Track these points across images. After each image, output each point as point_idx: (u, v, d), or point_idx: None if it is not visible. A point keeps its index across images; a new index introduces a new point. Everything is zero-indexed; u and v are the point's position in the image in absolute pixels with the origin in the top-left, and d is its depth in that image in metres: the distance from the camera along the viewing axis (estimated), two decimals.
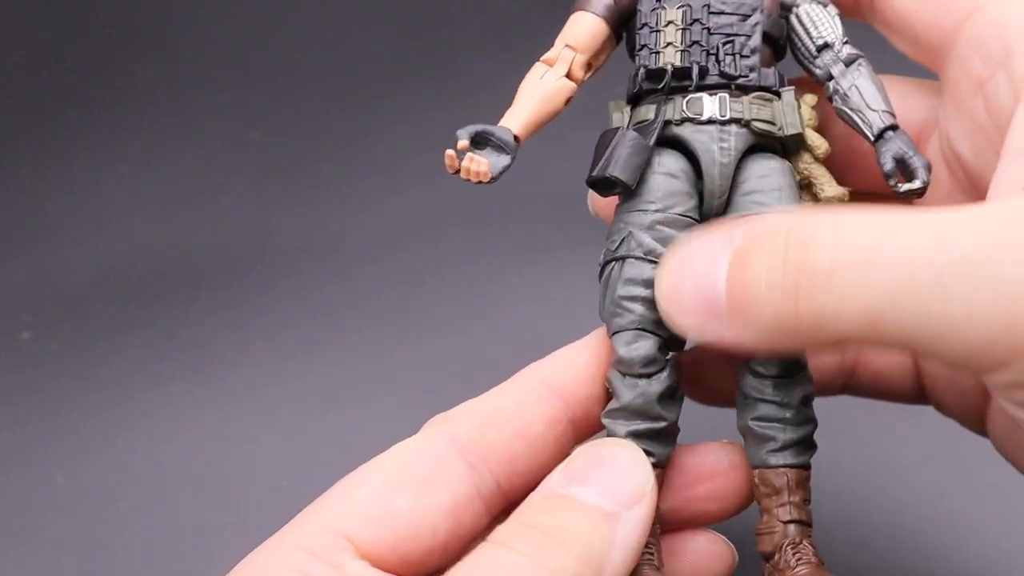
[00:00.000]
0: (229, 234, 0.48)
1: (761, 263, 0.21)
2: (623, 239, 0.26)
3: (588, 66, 0.28)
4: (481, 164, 0.26)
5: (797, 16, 0.27)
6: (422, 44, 0.57)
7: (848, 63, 0.27)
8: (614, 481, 0.23)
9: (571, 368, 0.26)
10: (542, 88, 0.28)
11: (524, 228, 0.48)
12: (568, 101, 0.28)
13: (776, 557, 0.25)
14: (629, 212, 0.26)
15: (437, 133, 0.53)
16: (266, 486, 0.40)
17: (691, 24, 0.26)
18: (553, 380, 0.26)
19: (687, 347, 0.27)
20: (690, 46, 0.26)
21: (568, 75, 0.28)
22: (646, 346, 0.25)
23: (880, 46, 0.29)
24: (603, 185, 0.26)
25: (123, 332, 0.45)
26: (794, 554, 0.25)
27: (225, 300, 0.46)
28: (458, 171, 0.27)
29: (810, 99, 0.28)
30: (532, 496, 0.24)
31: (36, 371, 0.44)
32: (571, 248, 0.47)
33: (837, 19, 0.27)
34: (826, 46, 0.27)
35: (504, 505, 0.25)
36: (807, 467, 0.26)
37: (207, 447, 0.41)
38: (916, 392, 0.30)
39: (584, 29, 0.28)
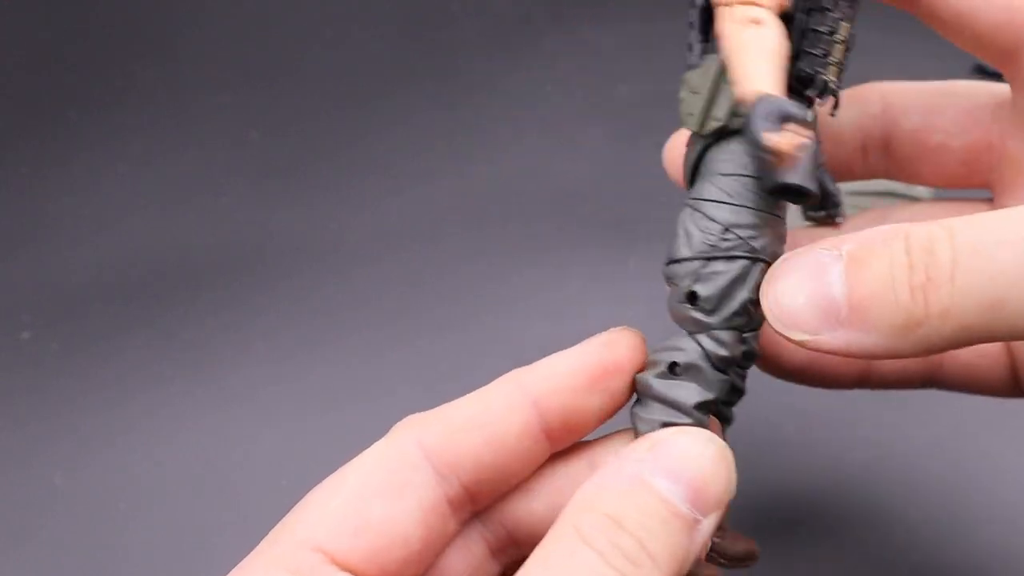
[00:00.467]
0: (229, 234, 0.49)
1: (884, 265, 0.22)
2: (767, 243, 0.25)
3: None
4: (803, 133, 0.23)
5: None
6: (422, 44, 0.57)
7: None
8: (702, 484, 0.22)
9: (552, 378, 0.25)
10: (782, 47, 0.24)
11: (524, 228, 0.48)
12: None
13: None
14: (771, 216, 0.25)
15: (437, 133, 0.53)
16: (266, 486, 0.40)
17: (848, 50, 0.25)
18: (532, 389, 0.25)
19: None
20: (841, 71, 0.25)
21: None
22: (744, 348, 0.25)
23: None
24: (785, 192, 0.25)
25: (123, 332, 0.45)
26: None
27: (225, 300, 0.46)
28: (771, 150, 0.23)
29: None
30: (619, 468, 0.22)
31: (36, 371, 0.44)
32: (571, 248, 0.47)
33: None
34: None
35: (472, 508, 0.25)
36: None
37: (207, 447, 0.41)
38: (1010, 384, 0.30)
39: None
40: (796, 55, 0.25)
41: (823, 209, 0.26)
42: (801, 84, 0.25)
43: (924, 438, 0.39)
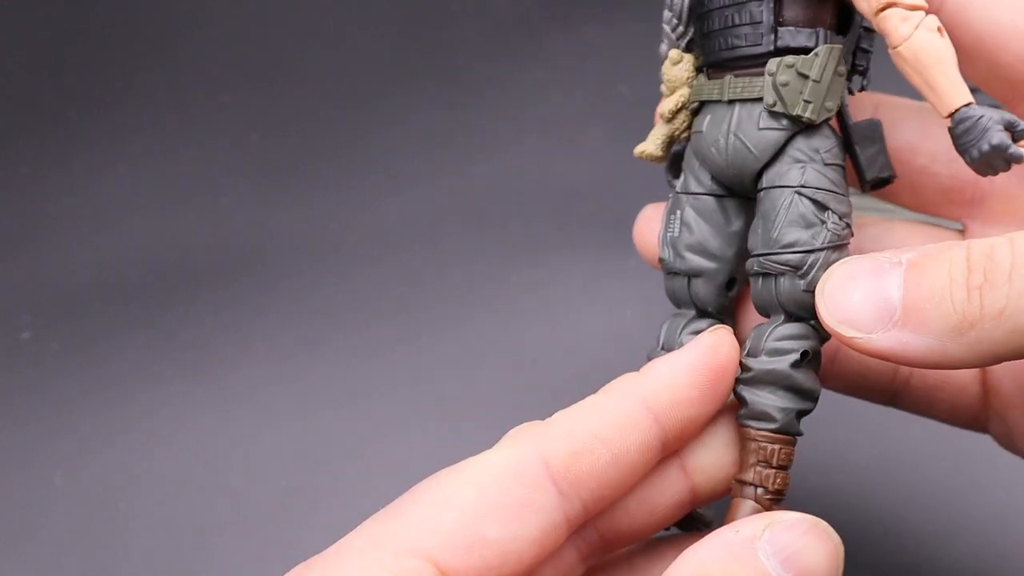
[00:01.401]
0: (229, 234, 0.49)
1: (943, 269, 0.22)
2: (849, 225, 0.26)
3: None
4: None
5: None
6: (422, 44, 0.57)
7: None
8: (805, 573, 0.22)
9: (672, 390, 0.25)
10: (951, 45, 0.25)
11: (524, 228, 0.48)
12: None
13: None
14: (849, 203, 0.26)
15: (437, 133, 0.53)
16: (266, 486, 0.40)
17: None
18: (653, 404, 0.25)
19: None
20: None
21: None
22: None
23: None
24: (878, 184, 0.27)
25: (123, 332, 0.45)
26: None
27: (225, 300, 0.46)
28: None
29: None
30: (732, 540, 0.22)
31: (36, 371, 0.44)
32: (571, 248, 0.47)
33: None
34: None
35: (584, 524, 0.25)
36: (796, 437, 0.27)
37: (207, 447, 0.41)
38: (974, 415, 0.30)
39: None
40: (854, 51, 0.27)
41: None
42: (859, 74, 0.27)
43: (921, 440, 0.39)
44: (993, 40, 0.26)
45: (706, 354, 0.25)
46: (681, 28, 0.28)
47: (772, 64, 0.26)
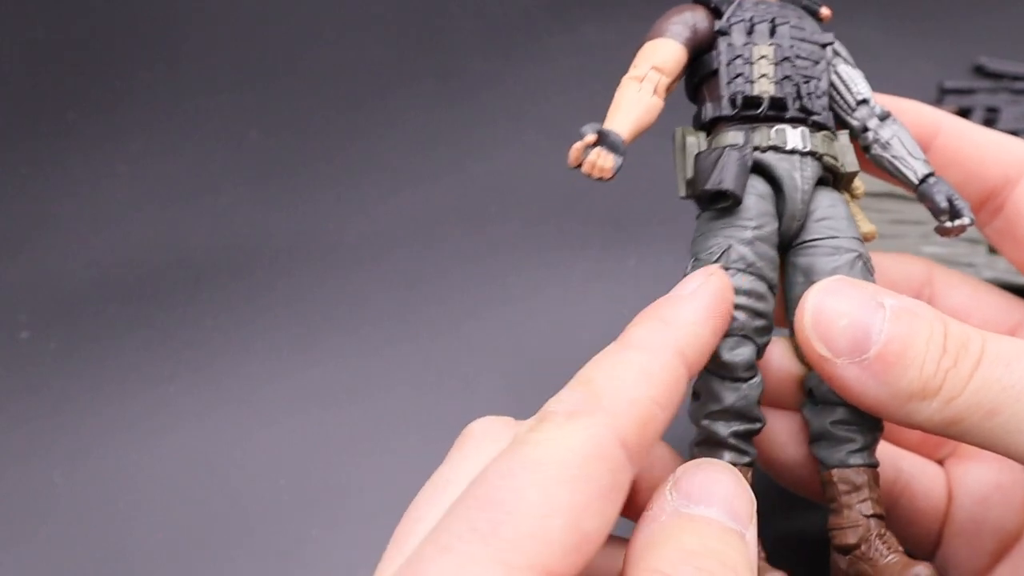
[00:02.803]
0: (228, 234, 0.48)
1: (924, 335, 0.24)
2: (724, 251, 0.27)
3: (667, 90, 0.30)
4: (608, 159, 0.27)
5: (837, 73, 0.30)
6: (421, 44, 0.57)
7: (883, 118, 0.30)
8: (733, 501, 0.23)
9: (700, 339, 0.25)
10: (642, 101, 0.29)
11: (524, 228, 0.48)
12: (656, 118, 0.30)
13: (863, 548, 0.27)
14: (728, 227, 0.28)
15: (436, 133, 0.53)
16: (265, 486, 0.40)
17: (782, 61, 0.29)
18: (688, 355, 0.25)
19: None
20: (782, 80, 0.29)
21: (654, 94, 0.29)
22: (747, 352, 0.27)
23: None
24: (712, 198, 0.28)
25: (122, 332, 0.45)
26: (883, 543, 0.26)
27: (224, 300, 0.46)
28: (579, 166, 0.28)
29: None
30: (655, 515, 0.23)
31: (34, 371, 0.44)
32: (571, 248, 0.47)
33: (864, 79, 0.30)
34: (864, 102, 0.30)
35: None
36: (876, 466, 0.28)
37: (206, 447, 0.41)
38: (932, 545, 0.31)
39: (669, 54, 0.29)
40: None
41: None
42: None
43: None
44: None
45: (720, 298, 0.26)
46: None
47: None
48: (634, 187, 0.48)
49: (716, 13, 0.30)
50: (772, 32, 0.29)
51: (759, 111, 0.28)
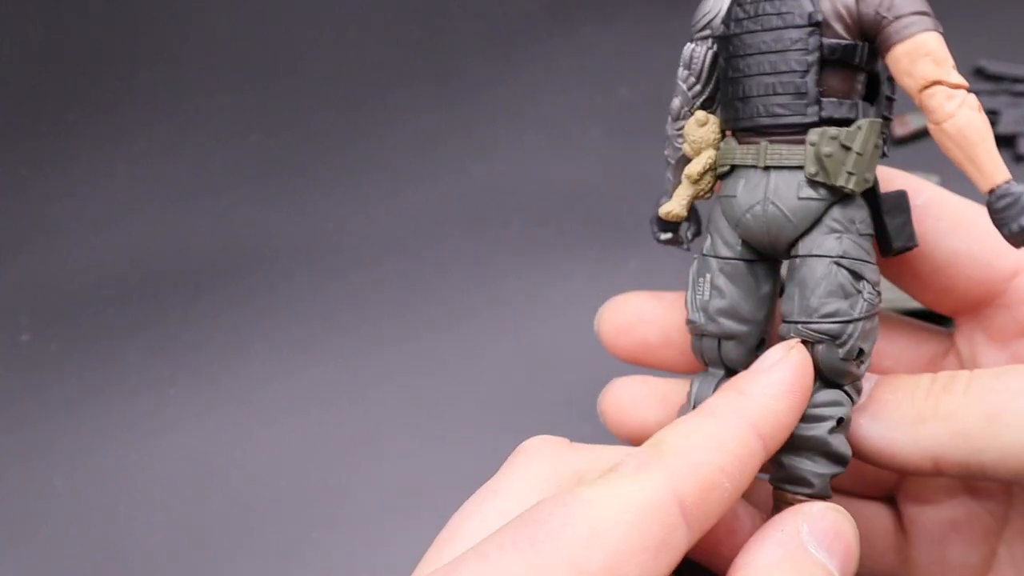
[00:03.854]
0: (229, 236, 0.48)
1: (911, 379, 0.26)
2: (879, 291, 0.27)
3: None
4: None
5: None
6: (422, 44, 0.57)
7: None
8: (849, 560, 0.24)
9: (777, 415, 0.25)
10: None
11: (524, 228, 0.48)
12: None
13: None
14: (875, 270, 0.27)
15: (436, 134, 0.53)
16: (265, 486, 0.40)
17: None
18: (762, 429, 0.24)
19: None
20: None
21: None
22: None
23: None
24: (901, 252, 0.28)
25: (122, 334, 0.45)
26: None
27: (224, 301, 0.46)
28: None
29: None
30: (779, 539, 0.23)
31: (35, 373, 0.44)
32: (571, 250, 0.47)
33: None
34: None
35: None
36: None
37: (206, 448, 0.41)
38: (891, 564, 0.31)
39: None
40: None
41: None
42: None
43: None
44: (947, 269, 0.29)
45: (799, 374, 0.25)
46: (698, 88, 0.28)
47: (814, 135, 0.26)
48: (634, 188, 0.49)
49: None
50: None
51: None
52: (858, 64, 0.26)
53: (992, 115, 0.49)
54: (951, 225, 0.29)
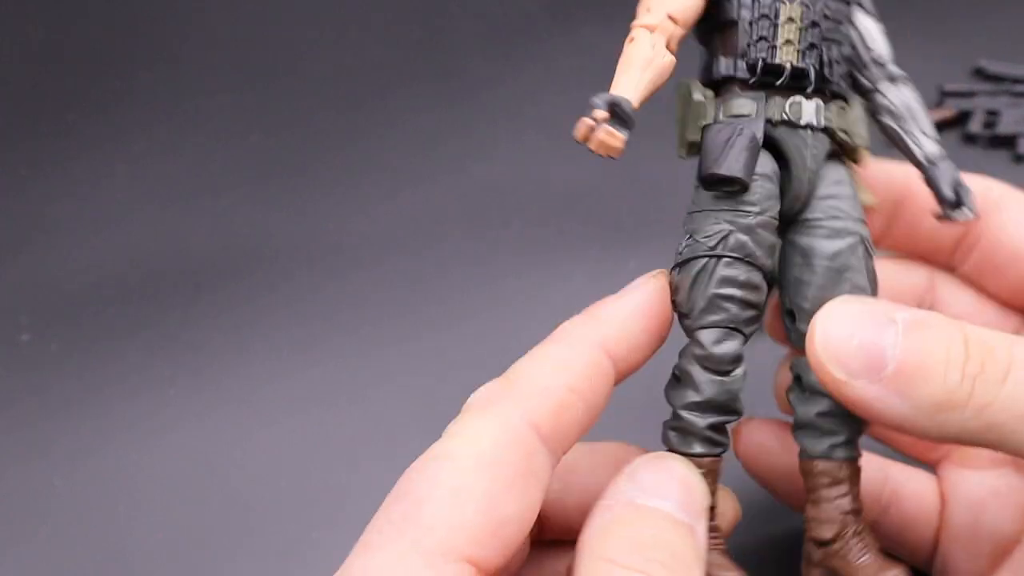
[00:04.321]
0: (229, 236, 0.48)
1: (942, 344, 0.23)
2: (723, 238, 0.26)
3: (680, 41, 0.27)
4: (617, 139, 0.25)
5: (852, 23, 0.27)
6: (422, 44, 0.57)
7: (894, 80, 0.27)
8: (687, 495, 0.24)
9: (628, 336, 0.25)
10: (657, 62, 0.26)
11: (524, 228, 0.48)
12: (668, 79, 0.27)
13: (837, 544, 0.26)
14: (730, 211, 0.26)
15: (436, 134, 0.53)
16: (265, 486, 0.40)
17: (810, 26, 0.26)
18: (612, 349, 0.25)
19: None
20: (807, 48, 0.26)
21: (666, 47, 0.27)
22: (734, 345, 0.26)
23: None
24: (715, 184, 0.26)
25: (122, 334, 0.45)
26: (859, 541, 0.26)
27: (225, 302, 0.46)
28: (585, 140, 0.25)
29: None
30: (609, 504, 0.23)
31: (35, 373, 0.44)
32: (571, 249, 0.47)
33: (886, 39, 0.28)
34: (877, 61, 0.27)
35: None
36: (858, 458, 0.27)
37: (207, 449, 0.41)
38: (929, 549, 0.31)
39: (689, 1, 0.26)
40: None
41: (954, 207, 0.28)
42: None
43: None
44: (1016, 255, 0.29)
45: (655, 299, 0.26)
46: None
47: None
48: (634, 188, 0.49)
49: None
50: None
51: (779, 82, 0.26)
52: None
53: (992, 115, 0.49)
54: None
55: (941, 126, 0.50)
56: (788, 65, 0.26)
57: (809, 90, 0.26)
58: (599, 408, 0.25)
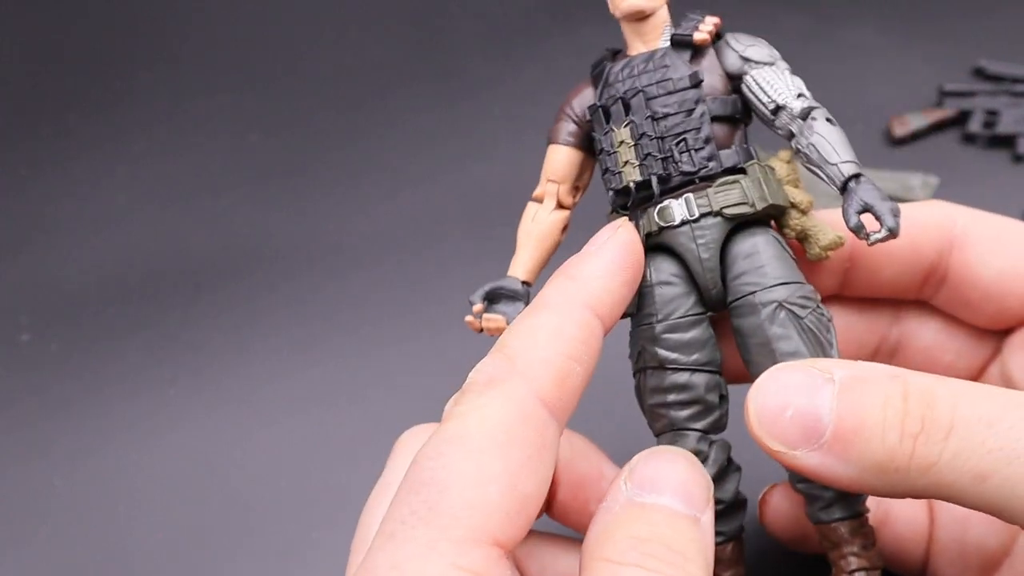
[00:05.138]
0: (228, 236, 0.49)
1: (878, 403, 0.23)
2: (639, 353, 0.28)
3: (575, 190, 0.30)
4: (498, 321, 0.29)
5: (747, 85, 0.27)
6: (422, 45, 0.57)
7: (803, 117, 0.27)
8: (686, 487, 0.23)
9: (610, 292, 0.25)
10: (536, 230, 0.30)
11: None
12: (564, 229, 0.30)
13: None
14: (638, 327, 0.28)
15: (437, 133, 0.53)
16: (265, 487, 0.40)
17: (640, 138, 0.27)
18: (598, 307, 0.25)
19: None
20: (645, 159, 0.27)
21: (559, 205, 0.30)
22: (687, 443, 0.27)
23: None
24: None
25: (122, 334, 0.45)
26: None
27: (224, 302, 0.46)
28: (481, 330, 0.29)
29: (784, 155, 0.28)
30: (609, 506, 0.23)
31: (35, 373, 0.44)
32: (570, 250, 0.47)
33: (787, 74, 0.27)
34: (779, 108, 0.27)
35: None
36: (859, 515, 0.27)
37: (206, 449, 0.41)
38: (921, 565, 0.31)
39: (560, 161, 0.29)
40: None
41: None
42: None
43: None
44: (997, 288, 0.28)
45: (627, 250, 0.26)
46: None
47: None
48: None
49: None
50: (627, 109, 0.27)
51: (629, 203, 0.27)
52: None
53: (992, 115, 0.49)
54: (991, 246, 0.28)
55: (941, 126, 0.50)
56: (631, 184, 0.27)
57: (666, 189, 0.27)
58: (594, 366, 0.25)
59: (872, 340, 0.31)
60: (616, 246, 0.26)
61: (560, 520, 0.28)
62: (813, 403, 0.23)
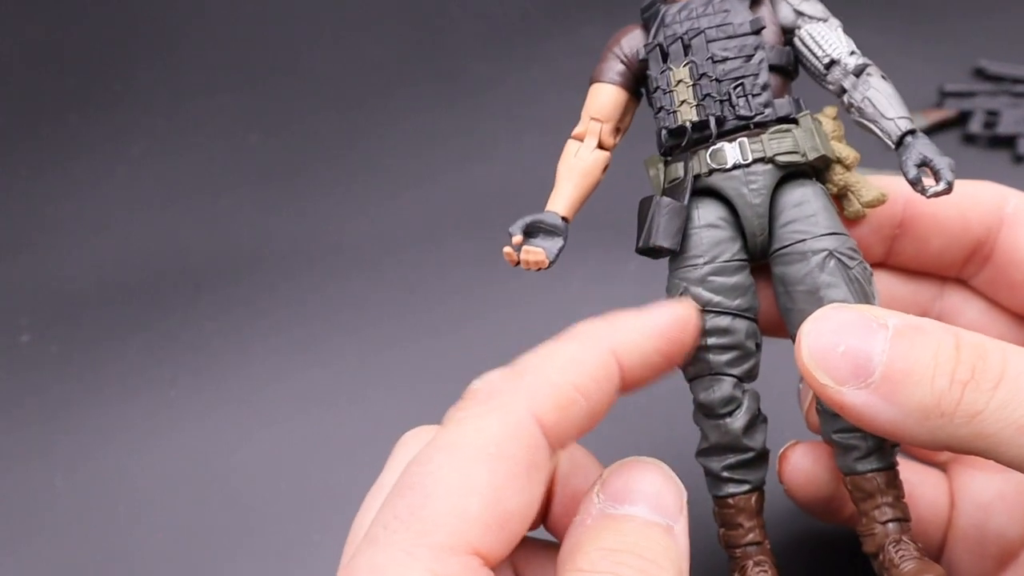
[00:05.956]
0: (228, 237, 0.49)
1: (930, 349, 0.23)
2: (680, 295, 0.27)
3: (616, 131, 0.29)
4: (538, 254, 0.28)
5: (800, 39, 0.28)
6: (422, 45, 0.57)
7: (858, 74, 0.27)
8: (658, 496, 0.24)
9: (641, 349, 0.25)
10: (579, 166, 0.29)
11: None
12: (605, 169, 0.29)
13: (881, 556, 0.26)
14: (681, 269, 0.28)
15: (437, 134, 0.53)
16: (265, 488, 0.40)
17: (700, 79, 0.27)
18: (623, 356, 0.25)
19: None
20: (703, 99, 0.27)
21: (599, 145, 0.29)
22: (722, 388, 0.27)
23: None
24: (651, 253, 0.28)
25: (122, 335, 0.45)
26: (896, 551, 0.26)
27: (224, 302, 0.46)
28: (518, 263, 0.29)
29: (831, 111, 0.29)
30: (582, 519, 0.23)
31: (35, 374, 0.44)
32: (571, 251, 0.47)
33: (840, 31, 0.28)
34: (833, 62, 0.28)
35: None
36: (892, 467, 0.27)
37: (206, 449, 0.41)
38: (938, 550, 0.31)
39: (605, 99, 0.29)
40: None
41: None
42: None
43: None
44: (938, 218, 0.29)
45: (676, 324, 0.26)
46: None
47: None
48: (635, 191, 0.48)
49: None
50: (687, 49, 0.27)
51: (684, 142, 0.27)
52: None
53: (992, 116, 0.49)
54: None
55: (941, 126, 0.50)
56: (688, 124, 0.27)
57: (722, 131, 0.27)
58: (600, 414, 0.25)
59: (914, 311, 0.31)
60: (667, 314, 0.26)
61: (554, 533, 0.28)
62: (866, 343, 0.23)
